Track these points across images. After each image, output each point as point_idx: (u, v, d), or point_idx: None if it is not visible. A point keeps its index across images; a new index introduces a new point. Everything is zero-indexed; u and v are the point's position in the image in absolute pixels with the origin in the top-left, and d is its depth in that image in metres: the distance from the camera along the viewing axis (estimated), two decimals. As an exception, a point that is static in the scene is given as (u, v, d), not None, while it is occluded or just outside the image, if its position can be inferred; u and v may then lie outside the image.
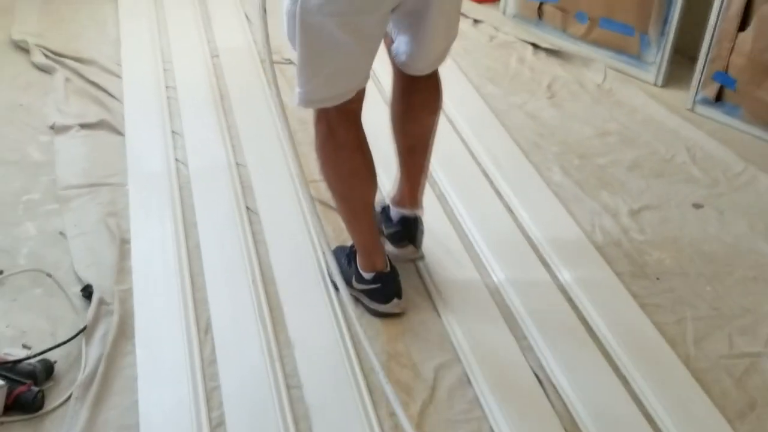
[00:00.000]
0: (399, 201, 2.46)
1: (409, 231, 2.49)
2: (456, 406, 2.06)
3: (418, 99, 2.33)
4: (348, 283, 2.33)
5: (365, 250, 2.31)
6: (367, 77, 2.08)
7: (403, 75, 2.26)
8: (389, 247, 2.52)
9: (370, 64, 2.06)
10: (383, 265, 2.31)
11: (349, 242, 2.39)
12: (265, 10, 2.26)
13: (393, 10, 1.98)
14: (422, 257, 2.53)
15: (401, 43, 2.18)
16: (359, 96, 2.10)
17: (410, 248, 2.51)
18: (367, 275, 2.30)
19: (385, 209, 2.58)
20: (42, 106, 3.26)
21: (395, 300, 2.31)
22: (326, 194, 2.76)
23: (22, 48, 3.67)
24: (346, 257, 2.38)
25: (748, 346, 2.30)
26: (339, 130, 2.13)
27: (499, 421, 1.99)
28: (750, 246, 2.71)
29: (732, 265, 2.62)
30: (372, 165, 2.22)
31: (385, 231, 2.54)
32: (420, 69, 2.24)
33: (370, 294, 2.32)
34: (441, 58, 2.26)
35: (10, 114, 3.21)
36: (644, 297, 2.45)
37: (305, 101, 2.05)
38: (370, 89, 2.13)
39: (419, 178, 2.44)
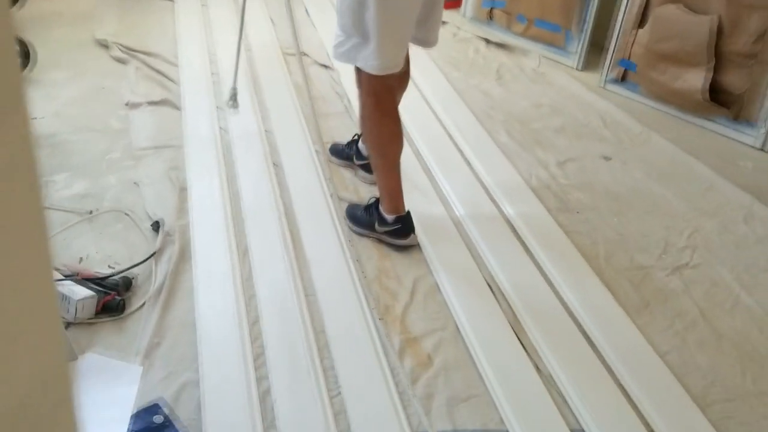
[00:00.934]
0: None
1: None
2: (429, 307, 2.07)
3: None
4: (371, 228, 2.27)
5: (393, 195, 2.23)
6: None
7: None
8: (362, 173, 2.60)
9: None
10: (403, 209, 2.25)
11: (354, 200, 2.39)
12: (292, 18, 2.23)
13: None
14: None
15: (419, 29, 2.13)
16: (399, 71, 2.07)
17: None
18: (390, 218, 2.23)
19: (357, 147, 2.62)
20: (119, 88, 3.20)
21: (412, 235, 2.26)
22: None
23: (104, 45, 3.59)
24: (363, 210, 2.31)
25: (643, 262, 2.31)
26: (384, 101, 2.11)
27: (461, 318, 2.01)
28: (646, 188, 2.70)
29: (632, 202, 2.61)
30: (402, 128, 2.21)
31: (358, 162, 2.62)
32: (433, 43, 2.24)
33: (392, 233, 2.24)
34: (437, 36, 2.26)
35: (96, 95, 3.15)
36: (567, 226, 2.45)
37: (382, 69, 1.99)
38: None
39: None
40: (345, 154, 2.70)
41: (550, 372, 1.86)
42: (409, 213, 2.26)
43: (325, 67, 3.50)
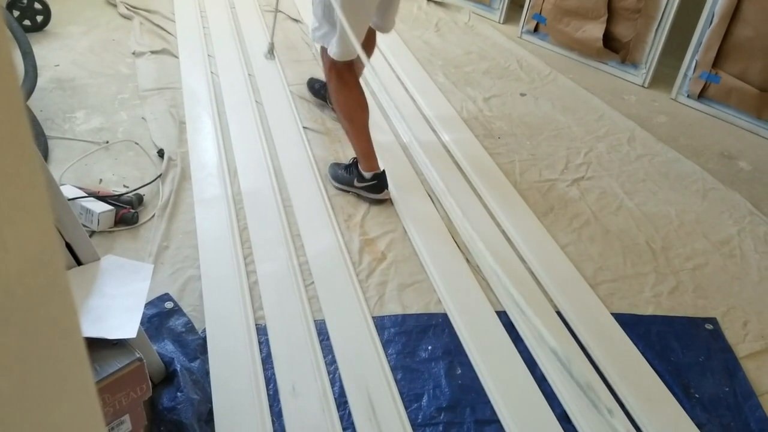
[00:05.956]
0: None
1: None
2: (383, 214, 2.03)
3: (367, 47, 2.12)
4: (350, 184, 2.08)
5: (366, 155, 2.02)
6: None
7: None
8: (330, 111, 2.44)
9: None
10: (377, 166, 2.04)
11: (331, 159, 2.23)
12: None
13: None
14: None
15: (378, 18, 2.05)
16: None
17: None
18: (367, 174, 2.02)
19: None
20: (126, 40, 3.00)
21: (386, 190, 2.05)
22: (297, 91, 2.65)
23: (112, 4, 3.35)
24: (343, 169, 2.09)
25: (549, 176, 2.29)
26: (345, 75, 1.93)
27: (408, 221, 1.98)
28: (552, 118, 2.66)
29: (541, 129, 2.57)
30: (365, 96, 2.02)
31: (332, 104, 2.41)
32: (388, 29, 2.11)
33: (369, 188, 2.04)
34: (394, 22, 2.13)
35: (107, 46, 2.95)
36: (491, 149, 2.40)
37: (342, 55, 1.86)
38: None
39: None
40: (320, 93, 2.58)
41: (477, 262, 1.86)
42: (384, 171, 2.05)
43: (296, 21, 3.33)
